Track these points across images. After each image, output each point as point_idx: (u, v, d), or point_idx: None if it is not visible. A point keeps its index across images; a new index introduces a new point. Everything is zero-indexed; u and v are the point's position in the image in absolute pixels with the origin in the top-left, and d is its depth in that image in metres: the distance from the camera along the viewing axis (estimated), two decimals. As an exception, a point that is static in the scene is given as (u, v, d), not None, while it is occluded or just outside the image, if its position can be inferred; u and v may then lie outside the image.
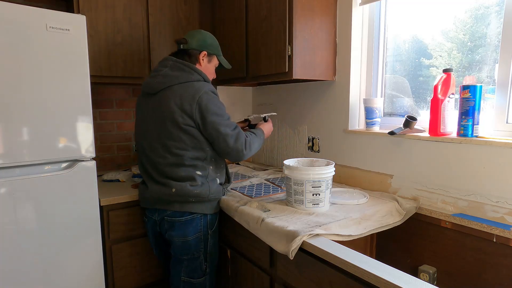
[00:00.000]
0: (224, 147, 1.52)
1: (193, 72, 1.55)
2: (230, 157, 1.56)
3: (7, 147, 1.40)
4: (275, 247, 1.25)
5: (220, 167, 1.66)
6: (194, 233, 1.55)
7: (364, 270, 0.97)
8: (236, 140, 1.52)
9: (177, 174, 1.52)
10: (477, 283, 1.33)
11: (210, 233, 1.60)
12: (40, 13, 1.42)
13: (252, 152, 1.59)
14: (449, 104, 1.44)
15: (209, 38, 1.67)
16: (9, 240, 1.43)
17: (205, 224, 1.57)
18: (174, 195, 1.51)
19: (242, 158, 1.57)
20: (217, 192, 1.60)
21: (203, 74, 1.58)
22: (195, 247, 1.56)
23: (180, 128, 1.48)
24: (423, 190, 1.54)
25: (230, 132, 1.51)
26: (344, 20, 1.82)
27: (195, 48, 1.62)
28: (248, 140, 1.56)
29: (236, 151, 1.53)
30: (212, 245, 1.61)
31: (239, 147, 1.52)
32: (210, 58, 1.67)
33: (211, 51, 1.65)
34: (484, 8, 1.44)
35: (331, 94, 1.95)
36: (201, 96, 1.48)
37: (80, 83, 1.54)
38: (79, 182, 1.58)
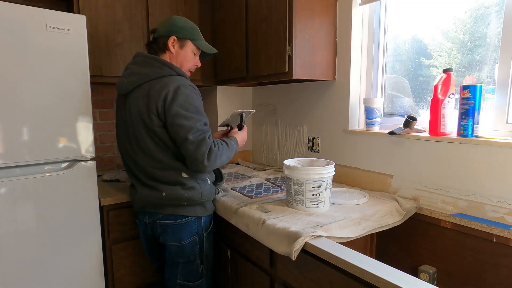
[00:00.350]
0: (185, 154, 1.36)
1: (162, 66, 1.42)
2: (190, 166, 1.40)
3: (7, 147, 1.40)
4: (276, 249, 1.25)
5: None
6: (189, 236, 1.49)
7: (364, 270, 0.97)
8: (197, 149, 1.32)
9: (165, 177, 1.44)
10: (477, 283, 1.33)
11: (206, 235, 1.54)
12: (40, 13, 1.42)
13: (217, 165, 1.40)
14: (449, 104, 1.44)
15: (181, 21, 1.51)
16: (9, 240, 1.43)
17: (199, 227, 1.51)
18: (165, 199, 1.44)
19: (202, 171, 1.42)
20: (210, 193, 1.53)
21: (175, 68, 1.43)
22: (190, 251, 1.50)
23: (151, 130, 1.38)
24: (423, 190, 1.54)
25: (190, 137, 1.32)
26: (344, 20, 1.82)
27: (163, 35, 1.48)
28: (214, 151, 1.36)
29: (194, 161, 1.34)
30: (208, 247, 1.56)
31: (199, 158, 1.32)
32: (182, 43, 1.50)
33: (182, 35, 1.49)
34: (484, 8, 1.44)
35: (331, 94, 1.95)
36: (168, 93, 1.34)
37: (80, 83, 1.54)
38: (79, 182, 1.58)
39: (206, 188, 1.50)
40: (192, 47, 1.53)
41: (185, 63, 1.53)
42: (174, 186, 1.43)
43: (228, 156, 1.45)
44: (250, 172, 2.22)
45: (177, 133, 1.34)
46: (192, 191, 1.45)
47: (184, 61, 1.52)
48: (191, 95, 1.37)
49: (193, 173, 1.45)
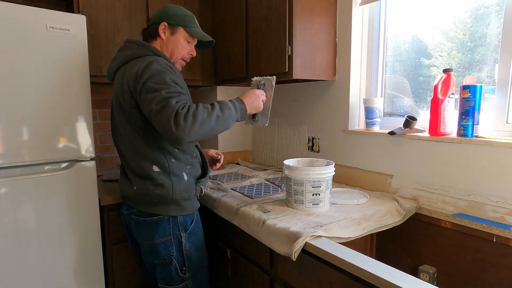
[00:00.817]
0: (154, 126, 1.20)
1: (139, 47, 1.36)
2: (167, 141, 1.29)
3: (7, 147, 1.40)
4: (276, 249, 1.25)
5: (187, 158, 1.40)
6: (161, 236, 1.37)
7: (364, 270, 0.97)
8: (160, 115, 1.13)
9: (137, 169, 1.35)
10: (477, 283, 1.33)
11: (185, 236, 1.41)
12: (40, 13, 1.42)
13: (196, 131, 1.14)
14: (449, 104, 1.44)
15: (173, 8, 1.45)
16: (9, 240, 1.43)
17: (175, 227, 1.38)
18: (136, 193, 1.35)
19: (179, 142, 1.16)
20: (186, 191, 1.37)
21: (153, 48, 1.36)
22: (164, 252, 1.38)
23: (126, 113, 1.31)
24: (423, 190, 1.54)
25: (153, 105, 1.15)
26: (344, 20, 1.82)
27: (154, 22, 1.43)
28: (181, 113, 1.13)
29: (164, 131, 1.15)
30: (190, 248, 1.43)
31: (165, 125, 1.12)
32: (174, 30, 1.43)
33: (173, 22, 1.42)
34: (484, 8, 1.44)
35: (331, 94, 1.95)
36: (139, 69, 1.24)
37: (80, 83, 1.54)
38: (79, 182, 1.58)
39: (181, 185, 1.36)
40: (185, 34, 1.46)
41: (176, 50, 1.45)
42: (144, 181, 1.34)
43: (215, 118, 1.20)
44: (250, 172, 2.22)
45: (144, 108, 1.21)
46: (161, 188, 1.32)
47: (175, 48, 1.45)
48: (163, 70, 1.24)
49: (166, 167, 1.33)
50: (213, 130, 1.21)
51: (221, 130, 1.25)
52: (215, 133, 1.25)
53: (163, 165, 1.34)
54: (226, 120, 1.24)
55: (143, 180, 1.34)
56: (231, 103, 1.29)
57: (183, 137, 1.13)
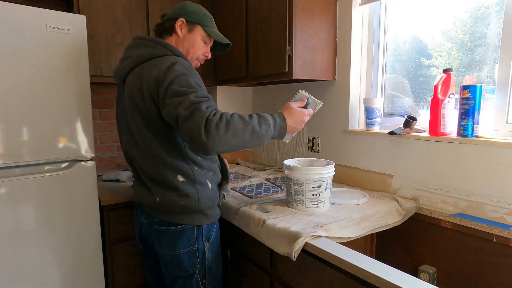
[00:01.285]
0: (183, 137, 1.10)
1: (156, 45, 1.24)
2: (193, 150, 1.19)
3: (7, 147, 1.40)
4: (276, 249, 1.25)
5: (209, 164, 1.32)
6: (185, 246, 1.29)
7: (364, 270, 0.97)
8: (189, 121, 1.04)
9: (160, 178, 1.25)
10: (477, 283, 1.33)
11: (208, 246, 1.34)
12: (40, 13, 1.42)
13: (227, 141, 1.06)
14: (449, 104, 1.44)
15: (192, 6, 1.36)
16: (9, 240, 1.43)
17: (199, 237, 1.31)
18: (158, 204, 1.26)
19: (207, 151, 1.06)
20: (211, 199, 1.31)
21: (171, 47, 1.25)
22: (188, 263, 1.30)
23: (148, 119, 1.20)
24: (423, 190, 1.54)
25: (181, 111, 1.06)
26: (344, 20, 1.82)
27: (171, 17, 1.33)
28: (213, 120, 1.04)
29: (191, 140, 1.05)
30: (212, 258, 1.36)
31: (194, 132, 1.03)
32: (192, 28, 1.34)
33: (191, 19, 1.33)
34: (484, 8, 1.44)
35: (331, 94, 1.95)
36: (160, 71, 1.14)
37: (80, 83, 1.54)
38: (79, 182, 1.58)
39: (206, 194, 1.29)
40: (202, 34, 1.37)
41: (192, 49, 1.36)
42: (168, 191, 1.24)
43: (250, 131, 1.10)
44: (250, 172, 2.22)
45: (169, 113, 1.10)
46: (187, 198, 1.24)
47: (191, 47, 1.36)
48: (187, 72, 1.15)
49: (191, 176, 1.25)
50: (245, 144, 1.12)
51: (253, 145, 1.15)
52: (246, 148, 1.14)
53: (188, 174, 1.25)
54: (261, 136, 1.15)
55: (166, 190, 1.25)
56: (271, 119, 1.20)
57: (212, 147, 1.04)
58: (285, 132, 1.25)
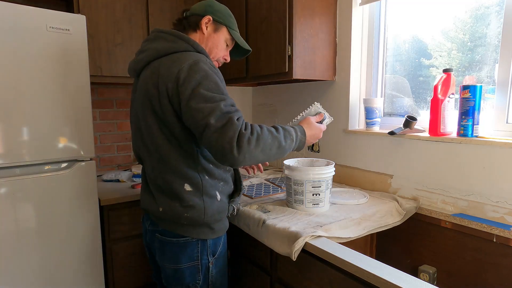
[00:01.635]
0: (208, 147, 1.02)
1: (176, 39, 1.14)
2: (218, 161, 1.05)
3: (7, 147, 1.40)
4: (276, 249, 1.25)
5: (221, 173, 1.22)
6: (188, 260, 1.19)
7: (364, 270, 0.97)
8: (222, 134, 0.98)
9: (165, 186, 1.16)
10: (477, 283, 1.33)
11: (213, 261, 1.23)
12: (40, 13, 1.42)
13: (256, 156, 1.03)
14: (449, 104, 1.44)
15: (219, 5, 1.29)
16: (9, 239, 1.43)
17: (204, 251, 1.21)
18: (161, 214, 1.18)
19: (234, 163, 1.01)
20: (218, 212, 1.20)
21: (193, 42, 1.15)
22: (190, 278, 1.21)
23: (161, 120, 1.10)
24: (423, 190, 1.54)
25: (212, 121, 0.99)
26: (344, 20, 1.82)
27: (196, 13, 1.25)
28: (246, 135, 1.00)
29: (221, 152, 0.99)
30: (216, 274, 1.26)
31: (226, 146, 0.97)
32: (217, 27, 1.26)
33: (218, 18, 1.26)
34: (484, 8, 1.44)
35: (331, 94, 1.95)
36: (181, 70, 1.04)
37: (80, 83, 1.54)
38: (79, 182, 1.58)
39: (213, 206, 1.19)
40: (226, 36, 1.30)
41: (215, 49, 1.28)
42: (172, 201, 1.16)
43: (277, 146, 1.08)
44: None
45: (194, 119, 1.02)
46: (192, 210, 1.15)
47: (215, 48, 1.27)
48: (210, 72, 1.06)
49: (199, 186, 1.16)
50: (269, 158, 1.08)
51: (275, 159, 1.11)
52: (268, 161, 1.11)
53: (197, 184, 1.15)
54: (284, 150, 1.12)
55: (170, 199, 1.16)
56: (294, 133, 1.16)
57: (241, 162, 1.00)
58: (303, 146, 1.22)
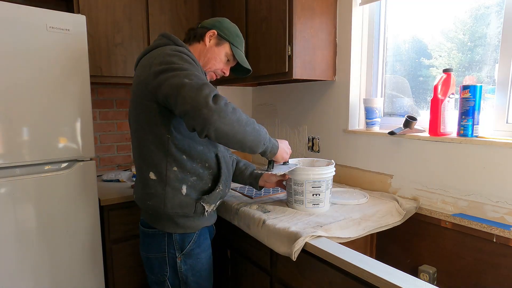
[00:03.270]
0: (180, 109, 1.03)
1: (162, 38, 1.25)
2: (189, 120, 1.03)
3: (7, 147, 1.40)
4: (276, 249, 1.25)
5: (195, 167, 1.21)
6: (156, 251, 1.25)
7: (364, 270, 0.97)
8: (198, 91, 1.00)
9: (138, 173, 1.26)
10: (477, 283, 1.33)
11: (181, 257, 1.24)
12: (40, 13, 1.42)
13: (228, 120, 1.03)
14: (449, 104, 1.44)
15: (229, 23, 1.37)
16: (9, 239, 1.43)
17: (170, 245, 1.23)
18: (137, 200, 1.27)
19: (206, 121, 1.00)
20: (181, 207, 1.19)
21: (175, 39, 1.23)
22: (158, 269, 1.26)
23: (138, 103, 1.18)
24: (423, 190, 1.54)
25: (186, 80, 1.03)
26: (344, 20, 1.82)
27: (205, 26, 1.34)
28: (223, 98, 1.04)
29: (193, 103, 1.00)
30: (187, 271, 1.26)
31: (200, 100, 0.99)
32: (220, 42, 1.33)
33: (223, 34, 1.33)
34: (484, 8, 1.44)
35: (331, 94, 1.95)
36: (158, 56, 1.14)
37: (80, 83, 1.54)
38: (79, 182, 1.58)
39: (175, 199, 1.18)
40: (228, 52, 1.35)
41: (212, 60, 1.34)
42: (142, 188, 1.23)
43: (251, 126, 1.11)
44: (250, 172, 2.21)
45: (170, 84, 1.05)
46: (153, 198, 1.18)
47: (213, 59, 1.34)
48: (184, 55, 1.14)
49: (163, 176, 1.17)
50: (244, 135, 1.09)
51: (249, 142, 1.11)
52: (242, 142, 1.10)
53: (161, 173, 1.17)
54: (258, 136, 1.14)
55: (141, 187, 1.24)
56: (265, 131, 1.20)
57: (215, 120, 1.00)
58: (276, 151, 1.25)
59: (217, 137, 1.05)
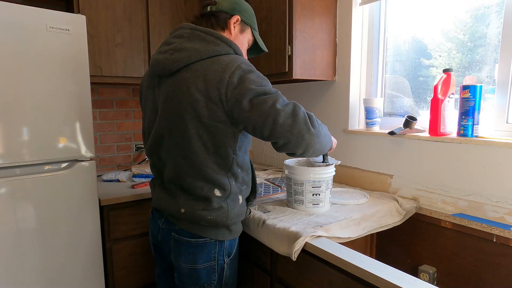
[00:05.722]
0: (278, 130, 1.05)
1: (218, 41, 1.11)
2: (290, 147, 1.08)
3: (7, 147, 1.40)
4: (276, 249, 1.25)
5: (244, 177, 1.24)
6: (205, 261, 1.20)
7: (364, 270, 0.97)
8: (294, 114, 1.06)
9: (192, 188, 1.15)
10: (477, 283, 1.33)
11: (227, 262, 1.24)
12: (40, 13, 1.42)
13: (323, 135, 1.14)
14: (449, 104, 1.44)
15: (245, 4, 1.26)
16: (9, 240, 1.43)
17: (220, 252, 1.21)
18: (181, 215, 1.16)
19: (310, 144, 1.09)
20: (239, 215, 1.22)
21: (234, 45, 1.14)
22: (206, 278, 1.21)
23: (203, 124, 1.08)
24: (423, 190, 1.54)
25: (278, 106, 1.04)
26: (344, 20, 1.82)
27: (225, 10, 1.20)
28: (312, 116, 1.13)
29: (297, 132, 1.05)
30: (229, 275, 1.27)
31: (301, 126, 1.06)
32: (243, 28, 1.25)
33: (245, 19, 1.24)
34: (484, 8, 1.44)
35: (331, 94, 1.95)
36: (233, 73, 1.04)
37: (80, 83, 1.54)
38: (79, 182, 1.58)
39: (236, 208, 1.20)
40: (249, 37, 1.28)
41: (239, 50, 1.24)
42: (196, 203, 1.15)
43: (328, 136, 1.21)
44: (250, 172, 2.21)
45: (260, 112, 1.03)
46: (216, 212, 1.15)
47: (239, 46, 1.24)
48: (258, 72, 1.10)
49: (228, 191, 1.17)
50: (327, 143, 1.20)
51: (328, 146, 1.21)
52: (325, 149, 1.20)
53: (226, 189, 1.16)
54: (330, 137, 1.23)
55: (195, 201, 1.15)
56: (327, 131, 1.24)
57: (316, 140, 1.11)
58: (332, 144, 1.30)
59: (309, 155, 1.16)
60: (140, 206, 1.81)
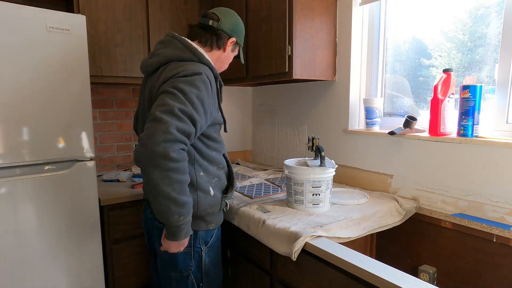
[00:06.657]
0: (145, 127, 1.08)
1: (185, 49, 1.23)
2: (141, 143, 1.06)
3: (7, 147, 1.40)
4: (276, 249, 1.25)
5: (215, 170, 1.31)
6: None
7: (364, 270, 0.97)
8: (159, 121, 1.03)
9: None
10: (477, 283, 1.33)
11: (205, 250, 1.32)
12: (40, 13, 1.42)
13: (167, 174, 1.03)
14: (449, 104, 1.44)
15: (241, 24, 1.39)
16: (9, 239, 1.43)
17: (196, 240, 1.30)
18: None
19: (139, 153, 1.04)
20: (211, 206, 1.29)
21: (199, 54, 1.23)
22: (183, 264, 1.29)
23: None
24: (423, 190, 1.54)
25: (157, 113, 1.04)
26: (344, 20, 1.82)
27: (225, 31, 1.32)
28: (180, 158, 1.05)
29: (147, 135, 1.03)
30: (209, 263, 1.35)
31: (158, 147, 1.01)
32: (234, 48, 1.39)
33: (238, 40, 1.38)
34: (484, 8, 1.44)
35: (331, 94, 1.95)
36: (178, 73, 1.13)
37: (80, 83, 1.54)
38: (79, 182, 1.58)
39: (206, 201, 1.27)
40: (236, 53, 1.43)
41: (225, 65, 1.41)
42: None
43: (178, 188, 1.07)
44: (250, 172, 2.22)
45: (158, 108, 1.07)
46: None
47: (226, 63, 1.40)
48: (202, 92, 1.12)
49: (193, 182, 1.23)
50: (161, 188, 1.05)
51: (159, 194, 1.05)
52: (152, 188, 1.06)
53: (192, 180, 1.22)
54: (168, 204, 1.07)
55: None
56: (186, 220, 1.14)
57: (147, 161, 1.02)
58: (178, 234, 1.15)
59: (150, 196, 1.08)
60: (140, 206, 1.81)
